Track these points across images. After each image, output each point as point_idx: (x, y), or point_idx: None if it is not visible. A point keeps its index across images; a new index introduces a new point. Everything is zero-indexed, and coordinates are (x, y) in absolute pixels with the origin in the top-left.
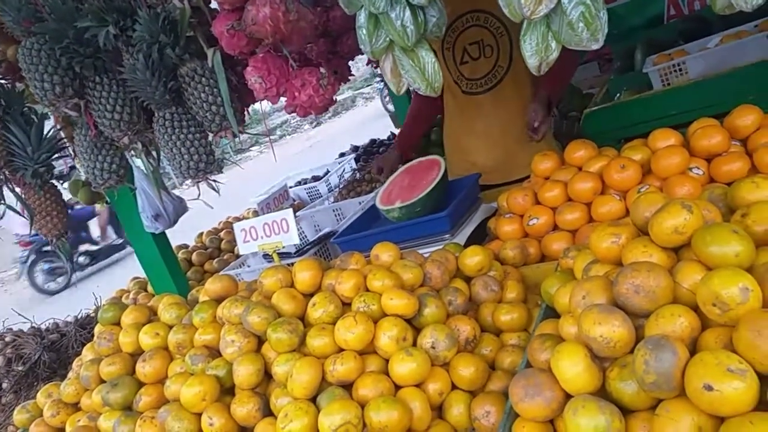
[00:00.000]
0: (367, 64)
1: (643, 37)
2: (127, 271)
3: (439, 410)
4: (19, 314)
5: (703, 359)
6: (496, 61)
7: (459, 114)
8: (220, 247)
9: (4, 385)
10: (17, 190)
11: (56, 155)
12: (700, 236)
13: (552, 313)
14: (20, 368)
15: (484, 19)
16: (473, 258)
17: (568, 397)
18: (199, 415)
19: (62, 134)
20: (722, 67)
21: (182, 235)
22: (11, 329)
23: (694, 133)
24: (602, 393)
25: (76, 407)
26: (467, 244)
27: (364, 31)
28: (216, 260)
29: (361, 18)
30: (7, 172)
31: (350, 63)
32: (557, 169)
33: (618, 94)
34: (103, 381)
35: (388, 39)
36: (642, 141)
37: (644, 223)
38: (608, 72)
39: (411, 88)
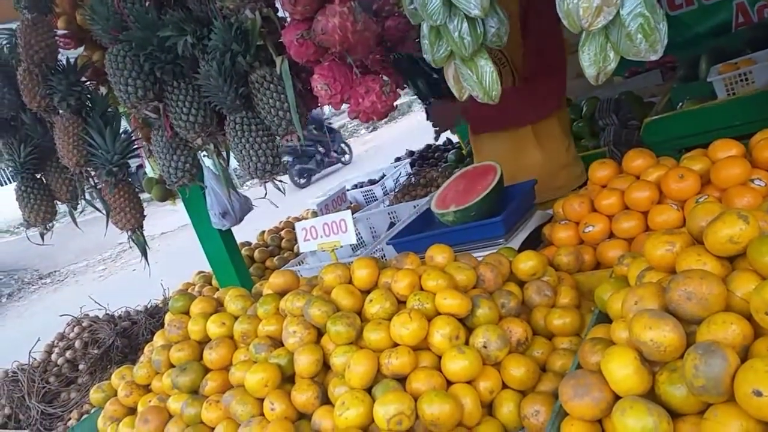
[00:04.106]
0: None
1: (708, 46)
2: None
3: (489, 408)
4: (96, 302)
5: (753, 366)
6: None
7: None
8: (280, 245)
9: (81, 367)
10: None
11: (129, 155)
12: (756, 246)
13: (605, 319)
14: (95, 351)
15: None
16: (527, 263)
17: (616, 398)
18: (262, 400)
19: (137, 135)
20: None
21: (244, 233)
22: (88, 315)
23: (757, 144)
24: (651, 396)
25: (147, 389)
26: (521, 249)
27: (427, 41)
28: (276, 258)
29: (424, 28)
30: (89, 170)
31: None
32: (614, 177)
33: (680, 103)
34: (172, 365)
35: (448, 49)
36: (702, 151)
37: (700, 233)
38: (671, 80)
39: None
